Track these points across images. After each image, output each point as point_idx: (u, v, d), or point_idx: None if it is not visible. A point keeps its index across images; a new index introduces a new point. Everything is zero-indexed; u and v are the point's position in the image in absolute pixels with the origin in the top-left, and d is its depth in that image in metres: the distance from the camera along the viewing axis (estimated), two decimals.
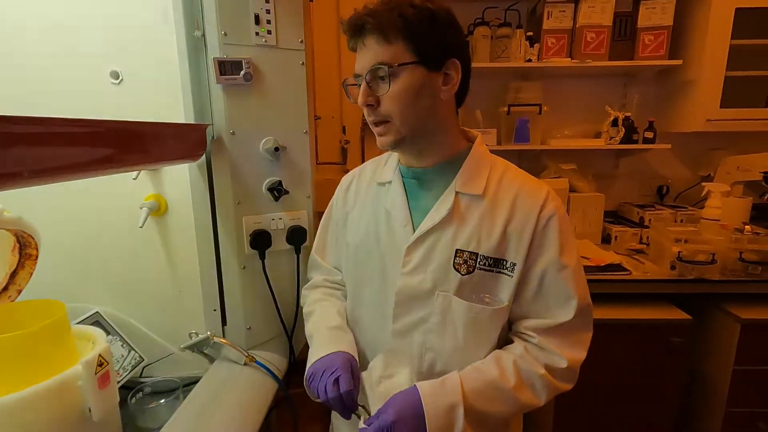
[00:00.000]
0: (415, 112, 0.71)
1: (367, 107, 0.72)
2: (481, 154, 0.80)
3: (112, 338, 1.05)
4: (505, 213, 0.74)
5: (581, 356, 0.75)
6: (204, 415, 0.88)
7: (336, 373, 0.73)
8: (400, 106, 0.70)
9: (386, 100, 0.70)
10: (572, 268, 0.74)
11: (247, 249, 1.07)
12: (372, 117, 0.73)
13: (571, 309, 0.73)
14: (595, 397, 1.53)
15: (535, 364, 0.73)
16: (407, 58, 0.68)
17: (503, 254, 0.74)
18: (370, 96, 0.71)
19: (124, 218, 1.07)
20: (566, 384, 0.75)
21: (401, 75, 0.69)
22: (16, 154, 0.51)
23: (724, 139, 2.00)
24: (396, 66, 0.68)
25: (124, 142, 0.76)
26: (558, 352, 0.73)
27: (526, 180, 0.78)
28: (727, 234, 1.62)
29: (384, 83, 0.70)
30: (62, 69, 1.01)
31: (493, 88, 2.08)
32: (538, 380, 0.73)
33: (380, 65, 0.68)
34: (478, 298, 0.75)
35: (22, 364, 0.68)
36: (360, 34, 0.70)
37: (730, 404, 1.51)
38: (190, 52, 0.99)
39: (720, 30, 1.75)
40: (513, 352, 0.75)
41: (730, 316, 1.50)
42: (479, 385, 0.71)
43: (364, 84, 0.71)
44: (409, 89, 0.69)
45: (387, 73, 0.69)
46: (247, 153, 1.05)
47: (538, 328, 0.75)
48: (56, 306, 0.77)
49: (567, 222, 0.76)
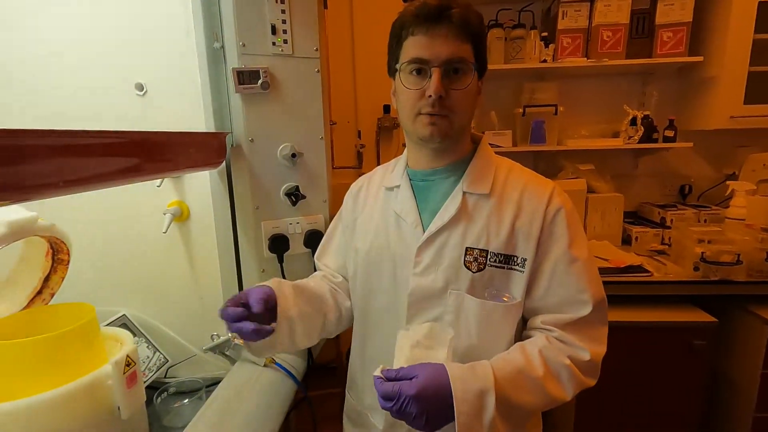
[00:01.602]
0: (471, 113, 0.76)
1: (438, 98, 0.70)
2: (487, 154, 0.81)
3: (138, 340, 1.09)
4: (512, 210, 0.75)
5: (602, 350, 0.75)
6: (226, 414, 0.90)
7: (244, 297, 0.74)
8: (466, 104, 0.73)
9: (457, 95, 0.72)
10: (583, 260, 0.74)
11: (265, 253, 1.10)
12: (437, 108, 0.71)
13: (586, 303, 0.73)
14: (617, 400, 1.50)
15: (560, 354, 0.72)
16: (473, 61, 0.72)
17: (513, 250, 0.74)
18: (443, 86, 0.70)
19: (148, 224, 1.11)
20: (590, 378, 0.74)
21: (471, 74, 0.72)
22: (53, 164, 0.54)
23: (749, 136, 1.94)
24: (473, 64, 0.71)
25: (149, 151, 0.79)
26: (580, 344, 0.72)
27: (532, 177, 0.80)
28: (753, 234, 1.57)
29: (459, 78, 0.71)
30: (90, 81, 1.06)
31: (508, 90, 2.07)
32: (564, 370, 0.71)
33: (460, 60, 0.70)
34: (490, 294, 0.75)
35: (55, 364, 0.71)
36: (439, 20, 0.69)
37: (759, 409, 1.46)
38: (210, 64, 1.03)
39: (743, 24, 1.70)
40: (536, 343, 0.74)
41: (757, 318, 1.45)
42: (509, 373, 0.69)
43: (439, 73, 0.69)
44: (473, 90, 0.73)
45: (466, 70, 0.71)
46: (265, 159, 1.07)
47: (557, 322, 0.74)
48: (86, 309, 0.80)
49: (575, 216, 0.76)
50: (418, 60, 0.71)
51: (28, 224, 0.75)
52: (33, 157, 0.52)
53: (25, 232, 0.76)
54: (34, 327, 0.78)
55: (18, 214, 0.74)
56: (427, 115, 0.73)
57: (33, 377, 0.69)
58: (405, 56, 0.73)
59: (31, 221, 0.76)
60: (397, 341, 0.74)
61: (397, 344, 0.73)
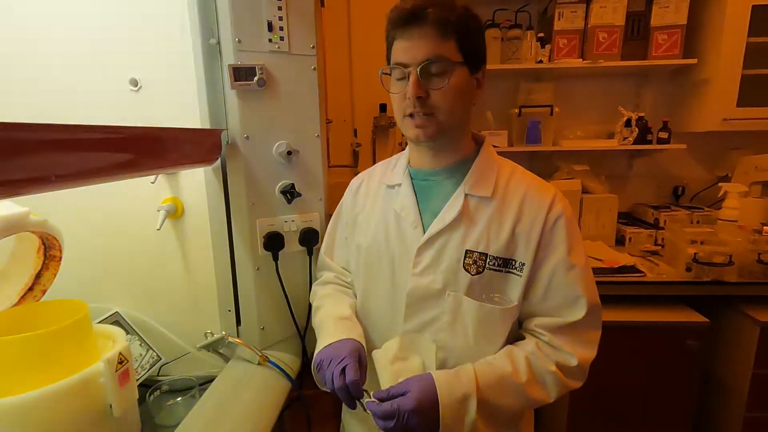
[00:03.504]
0: (459, 111, 0.74)
1: (417, 99, 0.71)
2: (490, 156, 0.81)
3: (131, 337, 1.08)
4: (513, 214, 0.75)
5: (591, 355, 0.76)
6: (219, 413, 0.90)
7: (344, 362, 0.73)
8: (450, 102, 0.72)
9: (437, 94, 0.71)
10: (580, 267, 0.75)
11: (260, 251, 1.09)
12: (418, 108, 0.72)
13: (580, 308, 0.74)
14: (609, 400, 1.51)
15: (547, 361, 0.73)
16: (458, 58, 0.71)
17: (512, 254, 0.75)
18: (421, 87, 0.71)
19: (142, 221, 1.10)
20: (576, 381, 0.76)
21: (453, 72, 0.71)
22: (45, 159, 0.54)
23: (742, 139, 1.96)
24: (452, 62, 0.70)
25: (143, 147, 0.79)
26: (569, 350, 0.74)
27: (534, 181, 0.80)
28: (745, 235, 1.59)
29: (438, 78, 0.70)
30: (84, 77, 1.05)
31: (504, 90, 2.08)
32: (549, 377, 0.73)
33: (437, 60, 0.69)
34: (488, 297, 0.75)
35: (47, 361, 0.70)
36: (418, 22, 0.69)
37: (749, 409, 1.48)
38: (205, 60, 1.02)
39: (736, 28, 1.72)
40: (525, 348, 0.76)
41: (748, 319, 1.47)
42: (492, 379, 0.71)
43: (415, 75, 0.70)
44: (459, 87, 0.72)
45: (444, 69, 0.70)
46: (260, 157, 1.07)
47: (549, 326, 0.76)
48: (79, 306, 0.79)
49: (574, 223, 0.77)
50: (398, 64, 0.73)
51: (20, 220, 0.75)
52: (25, 152, 0.52)
53: (16, 227, 0.75)
54: (25, 324, 0.77)
55: (10, 210, 0.73)
56: (410, 116, 0.74)
57: (24, 374, 0.68)
58: (391, 61, 0.75)
59: (23, 217, 0.75)
60: (375, 363, 0.77)
61: (376, 365, 0.77)
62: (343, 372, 0.72)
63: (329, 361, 0.75)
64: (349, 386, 0.71)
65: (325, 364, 0.75)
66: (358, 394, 0.72)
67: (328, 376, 0.74)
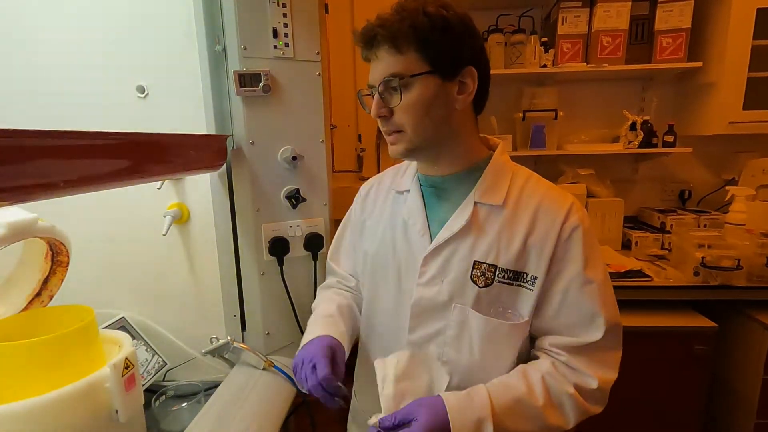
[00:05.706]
0: (428, 123, 0.70)
1: (380, 118, 0.72)
2: (503, 162, 0.77)
3: (137, 343, 1.09)
4: (525, 224, 0.71)
5: (612, 377, 0.71)
6: (224, 418, 0.90)
7: (313, 360, 0.71)
8: (413, 117, 0.69)
9: (399, 111, 0.70)
10: (598, 283, 0.71)
11: (265, 256, 1.10)
12: (385, 127, 0.73)
13: (598, 328, 0.70)
14: (616, 406, 1.48)
15: (565, 382, 0.69)
16: (420, 68, 0.67)
17: (523, 267, 0.71)
18: (382, 107, 0.70)
19: (148, 226, 1.11)
20: (596, 406, 0.71)
21: (414, 86, 0.67)
22: (53, 165, 0.54)
23: (749, 142, 1.95)
24: (408, 77, 0.67)
25: (149, 153, 0.79)
26: (588, 372, 0.69)
27: (550, 190, 0.75)
28: (753, 239, 1.57)
29: (396, 94, 0.68)
30: (92, 84, 1.06)
31: (508, 95, 2.08)
32: (567, 400, 0.69)
33: (392, 77, 0.67)
34: (496, 311, 0.72)
35: (54, 366, 0.70)
36: (372, 45, 0.69)
37: (760, 416, 1.45)
38: (211, 66, 1.03)
39: (741, 31, 1.71)
40: (540, 368, 0.71)
41: (757, 324, 1.45)
42: (507, 402, 0.67)
43: (377, 95, 0.70)
44: (422, 100, 0.68)
45: (399, 85, 0.67)
46: (265, 162, 1.08)
47: (566, 346, 0.71)
48: (85, 311, 0.80)
49: (592, 235, 0.73)
50: (368, 86, 0.72)
51: (28, 225, 0.75)
52: (33, 158, 0.52)
53: (25, 233, 0.75)
54: (33, 329, 0.77)
55: (18, 216, 0.74)
56: (385, 134, 0.74)
57: (31, 379, 0.68)
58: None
59: (32, 222, 0.76)
60: (377, 373, 0.73)
61: (378, 376, 0.72)
62: (314, 370, 0.70)
63: (301, 362, 0.73)
64: (322, 383, 0.68)
65: (299, 366, 0.73)
66: (334, 391, 0.69)
67: (302, 376, 0.72)
